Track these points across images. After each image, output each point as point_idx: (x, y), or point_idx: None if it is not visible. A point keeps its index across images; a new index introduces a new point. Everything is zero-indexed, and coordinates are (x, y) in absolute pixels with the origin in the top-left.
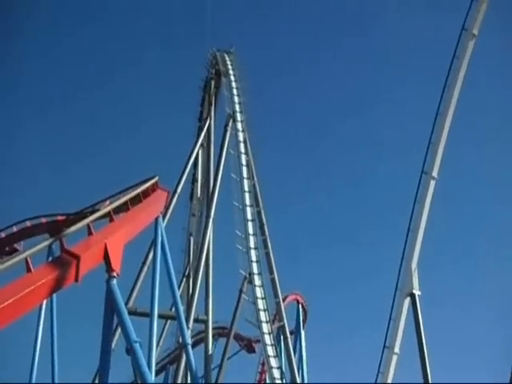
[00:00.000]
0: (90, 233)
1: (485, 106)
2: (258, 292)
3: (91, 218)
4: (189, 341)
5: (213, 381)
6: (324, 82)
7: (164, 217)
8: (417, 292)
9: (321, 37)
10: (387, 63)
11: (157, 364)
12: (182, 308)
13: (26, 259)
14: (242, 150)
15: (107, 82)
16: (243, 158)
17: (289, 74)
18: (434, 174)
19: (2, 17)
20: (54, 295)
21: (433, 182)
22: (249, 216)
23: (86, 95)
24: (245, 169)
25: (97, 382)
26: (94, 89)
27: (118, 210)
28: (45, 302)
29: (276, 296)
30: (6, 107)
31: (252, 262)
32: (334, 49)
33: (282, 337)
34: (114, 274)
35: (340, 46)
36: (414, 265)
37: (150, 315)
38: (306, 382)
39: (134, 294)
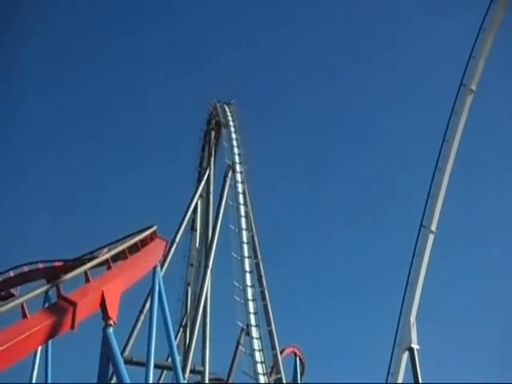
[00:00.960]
0: (87, 280)
1: (485, 158)
2: (256, 344)
3: (89, 265)
4: None
5: None
6: (324, 125)
7: (162, 266)
8: (415, 346)
9: (318, 77)
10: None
11: None
12: (178, 358)
13: (22, 305)
14: (241, 201)
15: (106, 130)
16: (242, 209)
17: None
18: (433, 227)
19: None
20: (50, 342)
21: (431, 236)
22: (247, 267)
23: (84, 143)
24: (243, 220)
25: None
26: (93, 138)
27: (115, 258)
28: (40, 348)
29: (273, 348)
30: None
31: (250, 313)
32: (331, 89)
33: None
34: (111, 322)
35: (338, 85)
36: (412, 319)
37: (146, 365)
38: None
39: (131, 342)
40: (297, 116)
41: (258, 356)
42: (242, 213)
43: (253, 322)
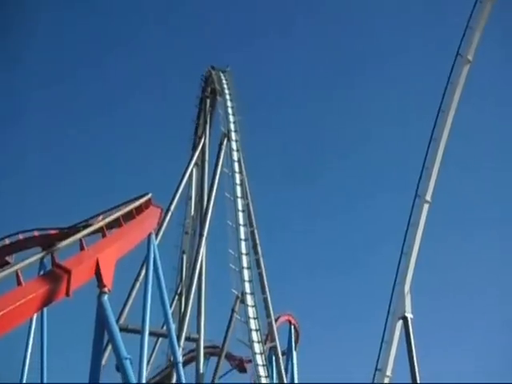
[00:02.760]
0: (82, 248)
1: (479, 130)
2: (251, 312)
3: (84, 232)
4: (180, 359)
5: None
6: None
7: (157, 234)
8: (409, 315)
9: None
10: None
11: (147, 382)
12: (173, 326)
13: (16, 272)
14: (236, 169)
15: (104, 97)
16: (237, 177)
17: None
18: (428, 197)
19: None
20: (45, 309)
21: (426, 206)
22: (242, 235)
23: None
24: (239, 188)
25: None
26: (92, 102)
27: (110, 226)
28: (35, 316)
29: (268, 316)
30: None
31: (245, 281)
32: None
33: (273, 357)
34: (106, 289)
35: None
36: (406, 288)
37: (141, 332)
38: None
39: (126, 310)
40: (292, 84)
41: (252, 324)
42: (237, 181)
43: (248, 289)
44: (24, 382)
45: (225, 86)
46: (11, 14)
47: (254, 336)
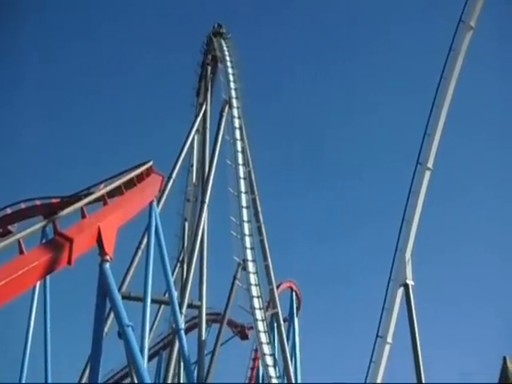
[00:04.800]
0: (83, 216)
1: (482, 97)
2: (252, 279)
3: (85, 201)
4: (182, 326)
5: (206, 367)
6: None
7: (159, 202)
8: (410, 282)
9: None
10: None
11: (150, 349)
12: (175, 293)
13: (18, 241)
14: (238, 136)
15: (105, 63)
16: (239, 144)
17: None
18: (429, 164)
19: None
20: (48, 278)
21: (428, 173)
22: (244, 203)
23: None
24: (240, 155)
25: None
26: (93, 68)
27: (112, 194)
28: (38, 284)
29: (270, 283)
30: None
31: (246, 248)
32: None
33: (275, 324)
34: (107, 257)
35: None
36: (407, 255)
37: (143, 300)
38: (298, 369)
39: (128, 278)
40: (292, 51)
41: (254, 291)
42: (239, 148)
43: (249, 256)
44: (28, 349)
45: (226, 52)
46: None
47: (256, 303)
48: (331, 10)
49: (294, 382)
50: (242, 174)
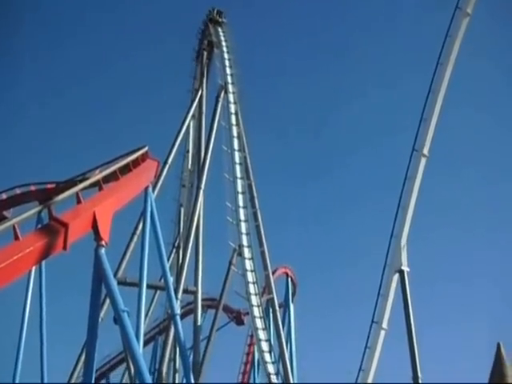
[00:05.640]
0: (78, 201)
1: (477, 82)
2: (248, 264)
3: (80, 186)
4: (178, 311)
5: (201, 352)
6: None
7: (154, 187)
8: (405, 268)
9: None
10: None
11: (145, 334)
12: (171, 279)
13: (13, 226)
14: (234, 121)
15: (102, 50)
16: (234, 129)
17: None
18: (425, 151)
19: None
20: (43, 263)
21: (423, 160)
22: (239, 188)
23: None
24: (236, 141)
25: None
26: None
27: (107, 179)
28: (33, 270)
29: (265, 269)
30: None
31: (242, 234)
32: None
33: (270, 309)
34: (103, 242)
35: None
36: (403, 241)
37: (139, 285)
38: (294, 354)
39: (124, 264)
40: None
41: (250, 276)
42: (235, 133)
43: (245, 242)
44: (23, 335)
45: (222, 38)
46: None
47: (251, 288)
48: None
49: (290, 376)
50: (237, 160)
